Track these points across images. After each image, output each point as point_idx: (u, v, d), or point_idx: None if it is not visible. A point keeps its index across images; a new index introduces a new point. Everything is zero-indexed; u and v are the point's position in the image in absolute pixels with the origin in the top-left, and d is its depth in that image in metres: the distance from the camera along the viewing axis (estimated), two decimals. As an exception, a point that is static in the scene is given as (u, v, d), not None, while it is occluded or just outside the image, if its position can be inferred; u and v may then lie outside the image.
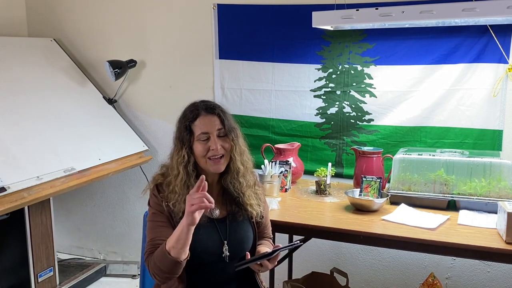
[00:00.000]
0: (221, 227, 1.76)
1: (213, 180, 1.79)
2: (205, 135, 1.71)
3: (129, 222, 3.68)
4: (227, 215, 1.79)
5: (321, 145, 2.99)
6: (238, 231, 1.78)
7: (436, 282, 2.46)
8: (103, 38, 3.51)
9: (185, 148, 1.71)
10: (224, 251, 1.73)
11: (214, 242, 1.73)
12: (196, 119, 1.72)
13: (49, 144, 2.77)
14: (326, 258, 3.10)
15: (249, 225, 1.82)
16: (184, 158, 1.70)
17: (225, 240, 1.74)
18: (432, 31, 2.63)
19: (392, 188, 2.41)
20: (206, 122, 1.71)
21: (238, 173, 1.77)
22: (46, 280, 2.93)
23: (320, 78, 2.93)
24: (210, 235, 1.73)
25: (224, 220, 1.78)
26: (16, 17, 3.63)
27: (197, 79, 3.27)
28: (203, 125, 1.71)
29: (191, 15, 3.21)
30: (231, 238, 1.76)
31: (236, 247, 1.76)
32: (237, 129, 1.78)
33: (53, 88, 3.17)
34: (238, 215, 1.78)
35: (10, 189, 2.35)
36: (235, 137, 1.75)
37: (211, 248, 1.72)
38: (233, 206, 1.79)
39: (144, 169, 3.41)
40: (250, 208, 1.78)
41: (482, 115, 2.62)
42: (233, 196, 1.79)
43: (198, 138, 1.71)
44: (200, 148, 1.70)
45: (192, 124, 1.73)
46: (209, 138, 1.71)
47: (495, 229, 2.00)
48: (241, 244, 1.78)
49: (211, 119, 1.72)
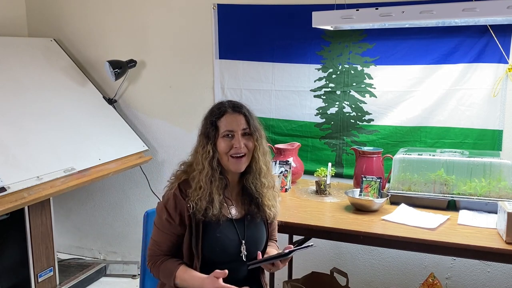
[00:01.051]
0: (239, 227, 1.78)
1: (234, 179, 1.82)
2: (230, 132, 1.73)
3: (129, 222, 3.68)
4: (245, 215, 1.81)
5: (321, 145, 2.99)
6: (255, 231, 1.81)
7: (436, 282, 2.46)
8: (103, 38, 3.51)
9: (210, 143, 1.73)
10: (242, 250, 1.76)
11: (233, 242, 1.75)
12: (222, 116, 1.74)
13: (49, 144, 2.77)
14: (326, 258, 3.10)
15: (264, 226, 1.85)
16: (209, 153, 1.72)
17: (243, 240, 1.77)
18: (432, 31, 2.63)
19: (392, 188, 2.41)
20: (232, 120, 1.74)
21: (260, 173, 1.79)
22: (46, 280, 2.93)
23: (320, 78, 2.93)
24: (229, 235, 1.75)
25: (242, 220, 1.80)
26: (16, 17, 3.63)
27: (197, 79, 3.27)
28: (228, 123, 1.73)
29: (191, 15, 3.22)
30: (249, 238, 1.78)
31: (253, 247, 1.79)
32: (261, 130, 1.80)
33: (53, 88, 3.17)
34: (257, 216, 1.81)
35: (10, 189, 2.35)
36: (259, 137, 1.78)
37: (230, 247, 1.75)
38: (252, 207, 1.81)
39: (144, 169, 3.42)
40: (268, 210, 1.81)
41: (482, 115, 2.62)
42: (252, 197, 1.81)
43: (223, 135, 1.73)
44: (223, 145, 1.72)
45: (218, 121, 1.74)
46: (233, 136, 1.73)
47: (495, 229, 2.00)
48: (257, 244, 1.81)
49: (237, 118, 1.74)
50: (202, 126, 1.79)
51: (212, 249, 1.71)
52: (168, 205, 1.74)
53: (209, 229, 1.72)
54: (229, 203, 1.79)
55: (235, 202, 1.81)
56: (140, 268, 2.09)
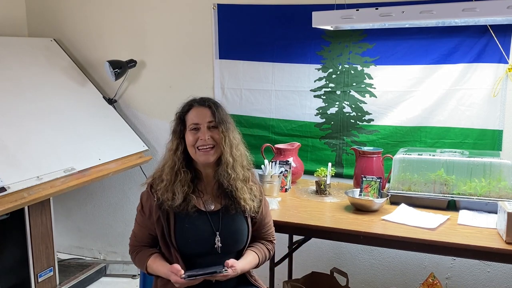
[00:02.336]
0: (213, 219, 1.82)
1: (208, 174, 1.86)
2: (196, 125, 1.79)
3: (129, 222, 3.67)
4: (221, 208, 1.85)
5: (321, 145, 2.99)
6: (231, 223, 1.83)
7: (436, 282, 2.46)
8: (103, 38, 3.51)
9: (176, 137, 1.82)
10: (216, 242, 1.78)
11: (206, 233, 1.79)
12: (189, 111, 1.83)
13: (49, 144, 2.77)
14: (326, 258, 3.10)
15: (243, 219, 1.86)
16: (173, 145, 1.82)
17: (217, 232, 1.79)
18: (432, 31, 2.63)
19: (392, 188, 2.41)
20: (197, 114, 1.81)
21: (228, 165, 1.81)
22: (46, 280, 2.93)
23: (320, 78, 2.93)
24: (201, 226, 1.79)
25: (217, 213, 1.84)
26: (16, 17, 3.63)
27: (197, 79, 3.27)
28: (194, 116, 1.80)
29: (191, 15, 3.21)
30: (224, 230, 1.81)
31: (229, 239, 1.81)
32: (229, 123, 1.84)
33: (53, 88, 3.17)
34: (231, 208, 1.84)
35: (10, 189, 2.35)
36: (225, 129, 1.81)
37: (202, 238, 1.78)
38: (227, 200, 1.84)
39: (144, 169, 3.42)
40: (243, 202, 1.83)
41: (482, 115, 2.62)
42: (226, 190, 1.84)
43: (190, 128, 1.80)
44: (190, 138, 1.79)
45: (185, 115, 1.83)
46: (199, 129, 1.79)
47: (495, 229, 2.00)
48: (234, 236, 1.83)
49: (203, 111, 1.81)
50: (173, 123, 1.86)
51: (185, 241, 1.77)
52: (142, 199, 1.88)
53: (179, 220, 1.78)
54: (202, 196, 1.83)
55: (212, 196, 1.86)
56: (140, 268, 2.10)
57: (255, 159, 2.92)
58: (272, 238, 2.00)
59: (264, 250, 1.93)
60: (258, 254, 1.89)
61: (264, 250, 1.93)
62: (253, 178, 1.93)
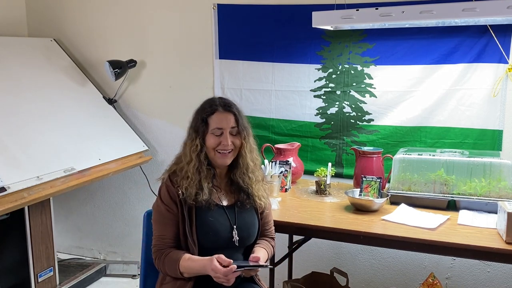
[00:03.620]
0: (230, 213, 1.86)
1: (221, 172, 1.92)
2: (219, 130, 1.83)
3: (129, 222, 3.68)
4: (235, 202, 1.90)
5: (321, 145, 2.99)
6: (246, 217, 1.89)
7: (436, 282, 2.46)
8: (103, 38, 3.51)
9: (199, 138, 1.84)
10: (234, 235, 1.83)
11: (225, 227, 1.83)
12: (213, 113, 1.84)
13: (49, 144, 2.77)
14: (326, 258, 3.10)
15: (255, 213, 1.93)
16: (198, 147, 1.83)
17: (234, 225, 1.84)
18: (432, 31, 2.63)
19: (392, 188, 2.41)
20: (222, 118, 1.83)
21: (248, 169, 1.89)
22: (46, 280, 2.93)
23: (320, 78, 2.93)
24: (220, 220, 1.83)
25: (233, 207, 1.89)
26: (16, 17, 3.62)
27: (197, 79, 3.27)
28: (219, 121, 1.83)
29: (191, 15, 3.21)
30: (240, 223, 1.86)
31: (244, 232, 1.86)
32: (249, 129, 1.91)
33: (53, 88, 3.17)
34: (247, 202, 1.89)
35: (10, 189, 2.35)
36: (246, 135, 1.88)
37: (222, 232, 1.82)
38: (242, 195, 1.90)
39: (144, 169, 3.42)
40: (258, 200, 1.89)
41: (482, 115, 2.62)
42: (242, 187, 1.90)
43: (212, 132, 1.83)
44: (212, 141, 1.83)
45: (209, 117, 1.84)
46: (222, 133, 1.83)
47: (495, 229, 2.00)
48: (248, 229, 1.88)
49: (227, 116, 1.84)
50: (193, 120, 1.89)
51: (205, 234, 1.79)
52: (163, 197, 1.85)
53: (201, 214, 1.81)
54: (218, 191, 1.88)
55: (224, 191, 1.91)
56: (140, 268, 2.09)
57: (255, 159, 2.93)
58: (273, 235, 2.04)
59: (270, 248, 1.97)
60: (268, 252, 1.93)
61: (270, 247, 1.97)
62: (265, 178, 2.01)
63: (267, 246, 1.95)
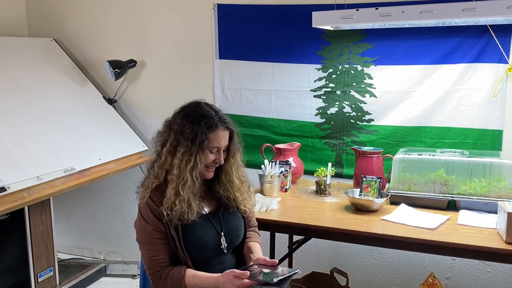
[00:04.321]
0: (215, 220, 1.80)
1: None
2: (217, 148, 1.75)
3: (129, 222, 3.68)
4: (218, 207, 1.83)
5: (321, 145, 2.99)
6: (231, 220, 1.84)
7: (436, 282, 2.46)
8: (103, 38, 3.51)
9: (197, 155, 1.69)
10: (222, 242, 1.78)
11: (212, 237, 1.77)
12: (214, 131, 1.71)
13: (49, 144, 2.77)
14: (326, 258, 3.10)
15: (239, 214, 1.87)
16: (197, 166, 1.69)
17: (222, 232, 1.79)
18: (432, 31, 2.63)
19: (392, 188, 2.41)
20: (221, 137, 1.74)
21: (233, 187, 1.82)
22: (46, 280, 2.93)
23: (320, 78, 2.93)
24: (207, 231, 1.77)
25: (216, 213, 1.82)
26: (16, 17, 3.62)
27: (197, 79, 3.27)
28: (220, 140, 1.74)
29: (191, 15, 3.21)
30: (226, 229, 1.81)
31: (232, 237, 1.82)
32: (239, 147, 1.84)
33: (53, 88, 3.17)
34: (230, 206, 1.83)
35: (10, 189, 2.35)
36: (236, 152, 1.82)
37: (210, 242, 1.76)
38: (224, 199, 1.83)
39: (144, 169, 3.40)
40: (243, 207, 1.84)
41: (482, 115, 2.62)
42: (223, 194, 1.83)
43: (210, 149, 1.73)
44: (210, 158, 1.74)
45: (210, 134, 1.71)
46: (218, 150, 1.76)
47: (495, 229, 2.00)
48: (236, 232, 1.83)
49: (226, 135, 1.76)
50: (185, 128, 1.70)
51: (195, 248, 1.72)
52: (147, 218, 1.73)
53: (188, 230, 1.71)
54: (200, 201, 1.79)
55: (204, 198, 1.82)
56: (140, 268, 2.09)
57: (255, 159, 2.94)
58: (256, 223, 2.00)
59: (259, 237, 1.96)
60: (260, 243, 1.93)
61: (259, 238, 1.96)
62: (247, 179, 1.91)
63: (258, 238, 1.94)
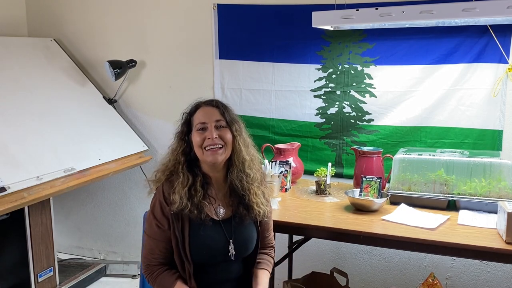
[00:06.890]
0: (226, 227, 1.75)
1: (218, 178, 1.78)
2: (203, 125, 1.72)
3: (129, 222, 3.68)
4: (233, 215, 1.78)
5: (321, 145, 2.99)
6: (243, 230, 1.78)
7: (436, 282, 2.46)
8: (103, 38, 3.51)
9: (184, 138, 1.75)
10: (230, 249, 1.74)
11: (219, 242, 1.73)
12: (195, 111, 1.76)
13: (49, 144, 2.77)
14: (326, 258, 3.10)
15: (254, 226, 1.82)
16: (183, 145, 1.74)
17: (231, 239, 1.74)
18: (432, 31, 2.63)
19: (392, 188, 2.41)
20: (204, 113, 1.74)
21: (244, 164, 1.75)
22: (46, 280, 2.93)
23: (320, 78, 2.93)
24: (215, 236, 1.73)
25: (230, 221, 1.77)
26: (16, 17, 3.63)
27: (197, 79, 3.27)
28: (201, 116, 1.73)
29: (191, 15, 3.22)
30: (237, 237, 1.76)
31: (241, 246, 1.77)
32: (240, 123, 1.79)
33: (53, 88, 3.17)
34: (245, 217, 1.77)
35: (10, 189, 2.35)
36: (238, 128, 1.76)
37: (216, 247, 1.72)
38: (241, 208, 1.77)
39: (144, 169, 3.42)
40: (256, 207, 1.76)
41: (482, 115, 2.62)
42: (239, 196, 1.77)
43: (196, 129, 1.72)
44: (197, 138, 1.71)
45: (192, 117, 1.76)
46: (206, 128, 1.71)
47: (495, 229, 2.00)
48: (246, 243, 1.79)
49: (210, 110, 1.74)
50: (182, 118, 1.80)
51: (199, 250, 1.69)
52: (155, 212, 1.73)
53: (194, 230, 1.70)
54: (213, 202, 1.75)
55: (222, 202, 1.78)
56: (140, 268, 2.09)
57: (255, 159, 2.92)
58: (272, 243, 1.97)
59: (271, 264, 1.91)
60: (269, 271, 1.87)
61: (271, 263, 1.91)
62: (264, 181, 1.89)
63: (270, 264, 1.89)
